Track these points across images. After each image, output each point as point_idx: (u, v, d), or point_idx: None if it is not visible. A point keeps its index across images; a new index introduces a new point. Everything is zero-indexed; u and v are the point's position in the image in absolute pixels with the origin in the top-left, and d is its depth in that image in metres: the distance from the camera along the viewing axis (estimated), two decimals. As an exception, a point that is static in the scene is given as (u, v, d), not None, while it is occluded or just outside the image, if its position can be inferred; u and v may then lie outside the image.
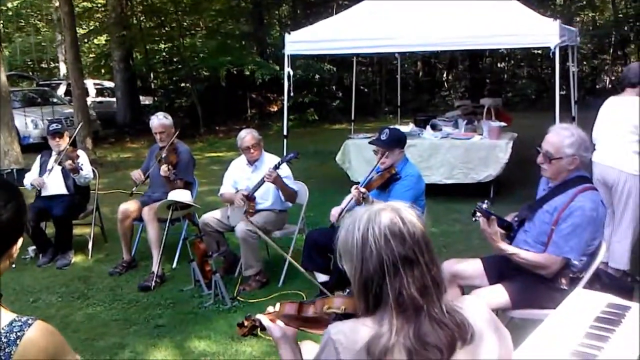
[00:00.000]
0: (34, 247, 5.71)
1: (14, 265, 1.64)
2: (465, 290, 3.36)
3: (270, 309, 2.03)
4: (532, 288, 3.01)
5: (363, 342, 1.47)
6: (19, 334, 1.46)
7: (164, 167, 5.06)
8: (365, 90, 21.41)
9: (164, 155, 5.17)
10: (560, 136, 3.00)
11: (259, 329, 2.02)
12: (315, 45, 7.84)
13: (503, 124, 7.42)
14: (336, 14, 9.22)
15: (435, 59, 22.46)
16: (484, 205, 2.92)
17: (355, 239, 1.51)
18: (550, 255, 2.95)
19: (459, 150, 7.18)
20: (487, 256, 3.38)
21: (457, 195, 7.01)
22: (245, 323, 2.04)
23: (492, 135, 7.12)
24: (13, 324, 1.47)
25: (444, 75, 24.10)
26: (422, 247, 1.50)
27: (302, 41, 7.69)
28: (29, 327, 1.48)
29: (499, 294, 3.02)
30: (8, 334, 1.46)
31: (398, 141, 4.10)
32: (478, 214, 2.91)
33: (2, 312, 1.52)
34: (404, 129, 8.01)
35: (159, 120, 5.33)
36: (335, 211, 4.23)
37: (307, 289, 4.60)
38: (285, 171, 4.78)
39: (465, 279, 3.33)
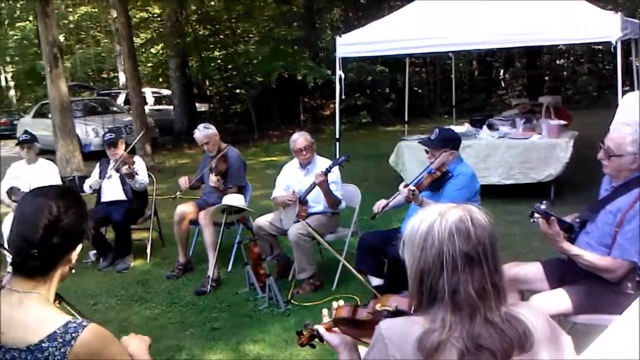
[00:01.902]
0: (94, 251, 5.88)
1: (73, 271, 1.68)
2: (525, 295, 3.24)
3: (324, 312, 2.01)
4: (596, 293, 2.87)
5: (414, 339, 1.43)
6: (73, 335, 1.49)
7: (212, 178, 5.12)
8: (419, 91, 21.21)
9: (213, 165, 5.23)
10: (622, 133, 2.86)
11: (317, 339, 2.00)
12: (367, 47, 7.78)
13: (563, 122, 7.17)
14: (388, 15, 9.11)
15: (491, 57, 21.99)
16: (542, 206, 2.80)
17: (420, 229, 1.48)
18: (616, 259, 2.81)
19: (518, 150, 6.98)
20: (547, 259, 3.25)
21: (515, 196, 6.81)
22: (304, 332, 2.03)
23: (552, 134, 6.89)
24: (68, 326, 1.51)
25: (501, 73, 23.58)
26: (486, 250, 1.45)
27: (354, 43, 7.64)
28: (83, 328, 1.51)
29: (561, 298, 2.89)
30: (63, 335, 1.49)
31: (448, 140, 3.99)
32: (536, 214, 2.79)
33: (59, 314, 1.55)
34: (460, 129, 7.86)
35: (201, 133, 5.40)
36: (380, 203, 4.13)
37: (360, 292, 4.55)
38: (334, 176, 4.76)
39: (525, 283, 3.21)
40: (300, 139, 4.85)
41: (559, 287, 3.00)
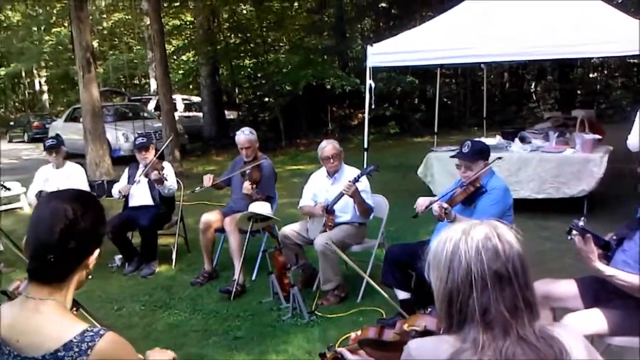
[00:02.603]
0: (120, 255, 5.89)
1: (90, 277, 1.64)
2: (558, 313, 3.13)
3: (352, 335, 1.96)
4: (633, 314, 2.74)
5: (444, 359, 1.36)
6: (90, 344, 1.45)
7: (247, 185, 5.10)
8: (449, 102, 21.03)
9: (247, 171, 5.21)
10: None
11: None
12: (398, 56, 7.69)
13: (597, 136, 7.00)
14: (419, 25, 9.03)
15: (523, 69, 21.73)
16: (580, 223, 2.69)
17: (446, 249, 1.42)
18: (655, 278, 2.68)
19: (550, 164, 6.82)
20: (582, 277, 3.13)
21: (547, 211, 6.66)
22: (328, 355, 1.98)
23: (586, 149, 6.72)
24: (85, 334, 1.47)
25: (532, 86, 23.27)
26: (516, 267, 1.38)
27: (385, 53, 7.56)
28: (100, 337, 1.47)
29: (596, 319, 2.77)
30: (80, 344, 1.45)
31: (481, 153, 3.89)
32: (574, 231, 2.68)
33: (76, 322, 1.51)
34: (491, 141, 7.73)
35: (245, 136, 5.39)
36: (423, 201, 4.01)
37: (386, 305, 4.44)
38: (364, 184, 4.68)
39: (558, 301, 3.09)
40: (328, 146, 4.81)
41: (594, 306, 2.89)
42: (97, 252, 1.60)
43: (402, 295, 4.09)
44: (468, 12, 7.64)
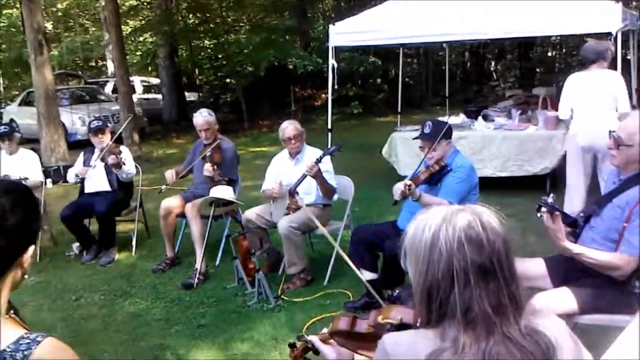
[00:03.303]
0: (77, 244, 5.68)
1: (26, 276, 1.50)
2: (526, 293, 3.09)
3: (324, 330, 1.86)
4: (602, 291, 2.72)
5: (422, 357, 1.26)
6: (25, 352, 1.30)
7: (208, 167, 4.94)
8: (411, 82, 21.04)
9: (208, 154, 5.05)
10: (636, 122, 2.70)
11: (312, 352, 1.84)
12: (361, 36, 7.59)
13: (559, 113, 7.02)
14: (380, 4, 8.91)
15: (484, 48, 21.86)
16: (550, 200, 2.63)
17: (425, 239, 1.29)
18: (623, 255, 2.65)
19: (513, 142, 6.83)
20: (550, 256, 3.10)
21: (511, 189, 6.69)
22: (297, 344, 1.88)
23: (549, 126, 6.74)
24: (20, 342, 1.32)
25: (493, 65, 23.46)
26: (501, 259, 1.27)
27: (347, 32, 7.45)
28: (37, 345, 1.32)
29: (566, 298, 2.74)
30: (14, 353, 1.30)
31: (443, 132, 3.83)
32: (543, 209, 2.62)
33: (11, 328, 1.37)
34: (454, 120, 7.71)
35: (203, 118, 5.22)
36: (398, 186, 3.80)
37: (354, 287, 4.41)
38: (327, 165, 4.58)
39: (527, 281, 3.04)
40: (289, 127, 4.68)
41: (563, 285, 2.86)
42: (31, 249, 1.45)
43: (369, 275, 4.01)
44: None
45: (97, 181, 5.65)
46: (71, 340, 3.87)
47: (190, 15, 17.44)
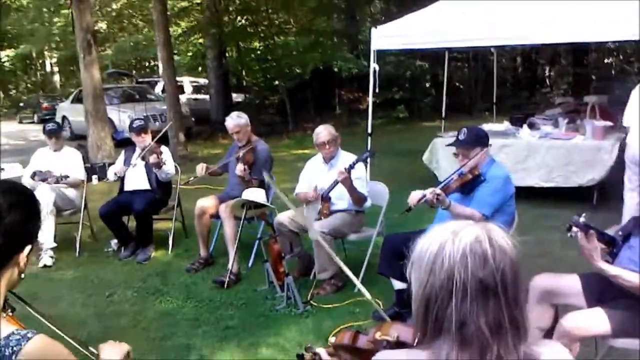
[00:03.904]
0: (116, 240, 5.78)
1: (22, 276, 1.51)
2: (560, 310, 2.96)
3: (331, 339, 1.82)
4: (638, 315, 2.58)
5: None
6: (15, 348, 1.31)
7: (239, 166, 4.98)
8: (461, 87, 20.74)
9: (241, 154, 5.08)
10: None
11: None
12: (404, 39, 7.46)
13: (609, 123, 6.76)
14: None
15: (536, 53, 21.33)
16: (581, 219, 2.51)
17: (430, 249, 1.25)
18: (663, 279, 2.51)
19: (559, 151, 6.62)
20: (586, 273, 2.96)
21: (555, 200, 6.47)
22: (306, 356, 1.85)
23: (597, 136, 6.50)
24: (10, 338, 1.33)
25: (546, 71, 22.87)
26: (506, 279, 1.20)
27: (390, 35, 7.34)
28: (27, 341, 1.33)
29: (598, 319, 2.60)
30: (3, 349, 1.31)
31: (478, 140, 3.71)
32: (574, 228, 2.50)
33: (2, 325, 1.37)
34: (499, 127, 7.55)
35: (233, 121, 5.26)
36: (416, 194, 3.80)
37: (385, 295, 4.32)
38: (359, 172, 4.52)
39: (560, 297, 2.93)
40: (323, 132, 4.64)
41: (597, 305, 2.72)
42: (28, 249, 1.46)
43: (399, 285, 3.94)
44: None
45: (137, 179, 5.74)
46: (100, 336, 3.94)
47: (239, 17, 17.62)
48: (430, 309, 1.23)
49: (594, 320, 2.61)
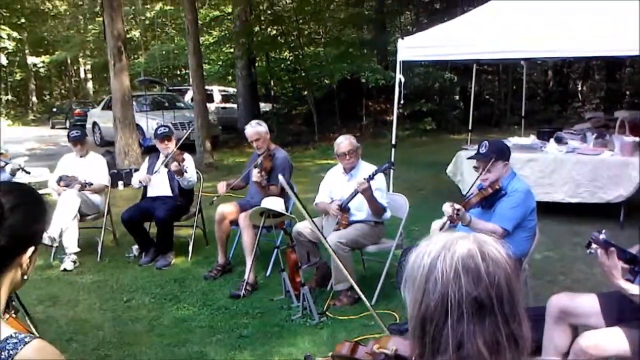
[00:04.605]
0: (137, 246, 5.83)
1: (25, 277, 1.51)
2: (581, 330, 2.88)
3: (330, 354, 1.81)
4: (660, 336, 2.49)
5: None
6: (11, 352, 1.30)
7: (255, 172, 5.00)
8: (491, 99, 20.54)
9: (259, 161, 5.10)
10: None
11: None
12: (431, 51, 7.39)
13: (638, 139, 6.59)
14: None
15: (568, 67, 21.01)
16: (602, 236, 2.45)
17: (423, 265, 1.20)
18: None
19: (586, 167, 6.46)
20: (606, 292, 2.88)
21: (582, 216, 6.32)
22: None
23: (625, 152, 6.34)
24: (7, 341, 1.32)
25: (578, 85, 22.50)
26: (501, 294, 1.15)
27: (417, 47, 7.29)
28: (24, 345, 1.32)
29: (617, 338, 2.53)
30: (0, 352, 1.31)
31: (500, 153, 3.65)
32: (594, 245, 2.44)
33: (1, 327, 1.37)
34: (525, 141, 7.43)
35: (253, 128, 5.28)
36: (436, 225, 3.84)
37: (402, 309, 4.26)
38: (379, 183, 4.48)
39: (578, 317, 2.85)
40: (344, 142, 4.61)
41: (616, 324, 2.64)
42: (31, 250, 1.46)
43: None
44: (507, 3, 7.27)
45: (160, 186, 5.79)
46: (115, 341, 3.98)
47: (269, 27, 17.77)
48: (426, 329, 1.18)
49: (612, 340, 2.53)
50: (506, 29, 6.79)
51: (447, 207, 3.51)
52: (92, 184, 5.65)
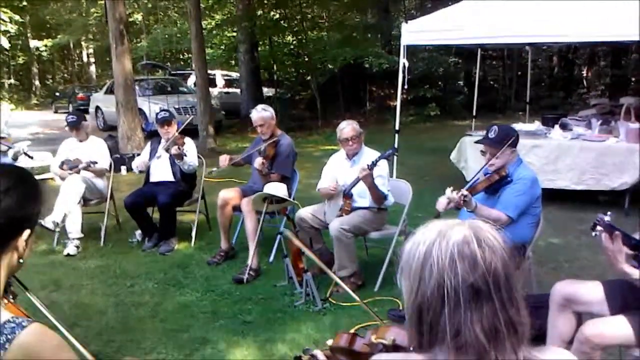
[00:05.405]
0: (140, 231, 5.83)
1: (21, 261, 1.50)
2: (584, 317, 2.87)
3: (329, 342, 1.78)
4: (665, 324, 2.47)
5: None
6: (9, 336, 1.30)
7: (258, 160, 4.96)
8: (495, 85, 20.43)
9: (262, 148, 5.07)
10: None
11: None
12: (435, 35, 7.33)
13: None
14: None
15: (573, 53, 20.86)
16: (607, 218, 2.43)
17: (418, 253, 1.18)
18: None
19: (591, 154, 6.44)
20: (610, 279, 2.86)
21: (586, 203, 6.30)
22: (303, 358, 1.82)
23: (630, 138, 6.30)
24: (5, 325, 1.31)
25: (583, 71, 22.35)
26: (498, 280, 1.14)
27: (421, 31, 7.23)
28: (22, 329, 1.31)
29: (621, 327, 2.51)
30: None
31: (508, 140, 3.62)
32: (599, 227, 2.43)
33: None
34: (529, 127, 7.39)
35: (258, 113, 5.23)
36: (443, 200, 3.74)
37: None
38: (381, 170, 4.44)
39: (581, 305, 2.84)
40: (347, 128, 4.58)
41: (620, 312, 2.62)
42: (26, 233, 1.44)
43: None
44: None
45: (162, 171, 5.78)
46: (118, 326, 3.98)
47: (272, 11, 17.64)
48: (423, 318, 1.17)
49: (617, 328, 2.52)
50: (511, 14, 6.73)
51: (454, 194, 3.48)
52: (96, 163, 5.65)
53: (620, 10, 6.04)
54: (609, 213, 2.50)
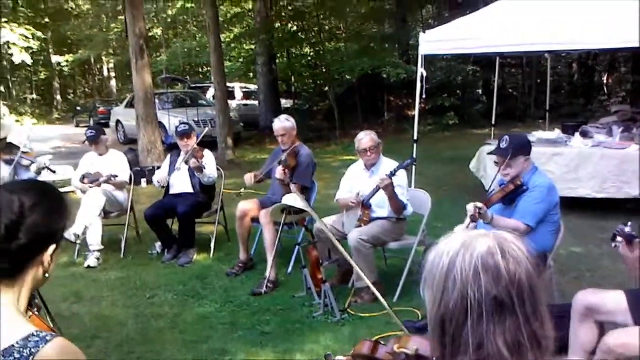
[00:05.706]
0: (160, 243, 5.87)
1: (47, 275, 1.51)
2: (608, 327, 2.82)
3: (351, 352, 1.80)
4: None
5: None
6: (33, 350, 1.31)
7: (279, 170, 4.99)
8: (514, 93, 20.30)
9: (283, 158, 5.10)
10: None
11: None
12: (453, 44, 7.30)
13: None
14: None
15: (593, 60, 20.65)
16: (627, 228, 2.40)
17: (442, 264, 1.17)
18: None
19: (613, 161, 6.35)
20: (633, 289, 2.81)
21: (607, 211, 6.21)
22: None
23: (653, 146, 6.22)
24: (30, 339, 1.32)
25: (604, 78, 22.10)
26: (522, 293, 1.12)
27: (439, 40, 7.21)
28: (46, 343, 1.32)
29: (644, 337, 2.47)
30: (22, 350, 1.31)
31: (521, 148, 3.59)
32: (619, 238, 2.39)
33: (24, 325, 1.37)
34: (549, 135, 7.32)
35: (281, 123, 5.27)
36: (460, 226, 3.75)
37: (424, 306, 4.20)
38: (400, 179, 4.44)
39: (604, 315, 2.79)
40: (365, 138, 4.58)
41: (645, 323, 2.58)
42: (52, 248, 1.45)
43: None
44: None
45: (181, 183, 5.83)
46: (138, 337, 4.00)
47: (290, 23, 17.75)
48: (446, 329, 1.16)
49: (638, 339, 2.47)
50: (529, 22, 6.68)
51: (471, 207, 3.46)
52: (117, 176, 5.72)
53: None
54: (629, 223, 2.47)
